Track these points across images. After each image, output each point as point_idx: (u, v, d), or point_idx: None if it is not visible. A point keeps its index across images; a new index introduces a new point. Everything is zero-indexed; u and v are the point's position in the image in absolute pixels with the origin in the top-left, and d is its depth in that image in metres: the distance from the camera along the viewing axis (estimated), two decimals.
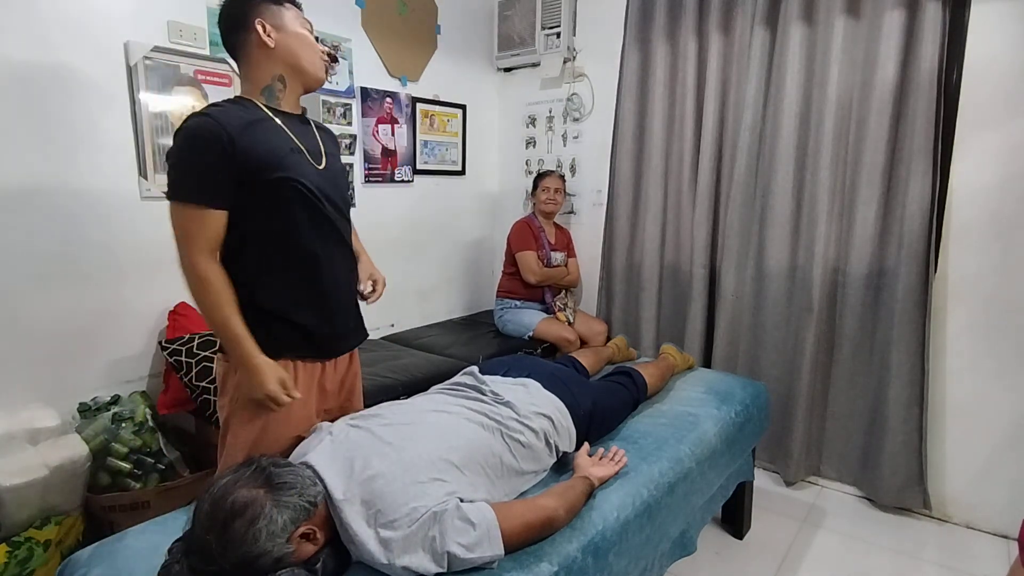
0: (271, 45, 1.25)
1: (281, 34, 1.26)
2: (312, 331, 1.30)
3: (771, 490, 2.43)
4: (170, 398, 2.07)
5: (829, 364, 2.40)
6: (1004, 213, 2.03)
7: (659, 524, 1.42)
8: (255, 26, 1.23)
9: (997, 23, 1.99)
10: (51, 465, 1.65)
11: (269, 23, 1.24)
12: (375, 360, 2.45)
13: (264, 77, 1.27)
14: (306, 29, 1.31)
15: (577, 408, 1.53)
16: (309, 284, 1.29)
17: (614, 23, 2.89)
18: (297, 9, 1.32)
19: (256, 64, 1.27)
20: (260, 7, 1.25)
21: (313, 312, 1.29)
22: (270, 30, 1.24)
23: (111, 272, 2.03)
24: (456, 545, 1.00)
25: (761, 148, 2.48)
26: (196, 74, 2.16)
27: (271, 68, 1.27)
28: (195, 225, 1.16)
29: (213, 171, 1.15)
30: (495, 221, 3.59)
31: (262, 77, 1.27)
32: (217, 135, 1.14)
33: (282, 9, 1.28)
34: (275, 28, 1.25)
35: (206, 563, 0.95)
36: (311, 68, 1.31)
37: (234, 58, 1.29)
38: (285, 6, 1.29)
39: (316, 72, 1.33)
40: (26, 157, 1.82)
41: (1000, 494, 2.11)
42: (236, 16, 1.25)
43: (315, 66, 1.32)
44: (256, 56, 1.26)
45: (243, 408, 1.25)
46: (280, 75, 1.28)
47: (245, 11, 1.24)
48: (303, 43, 1.29)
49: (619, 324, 3.01)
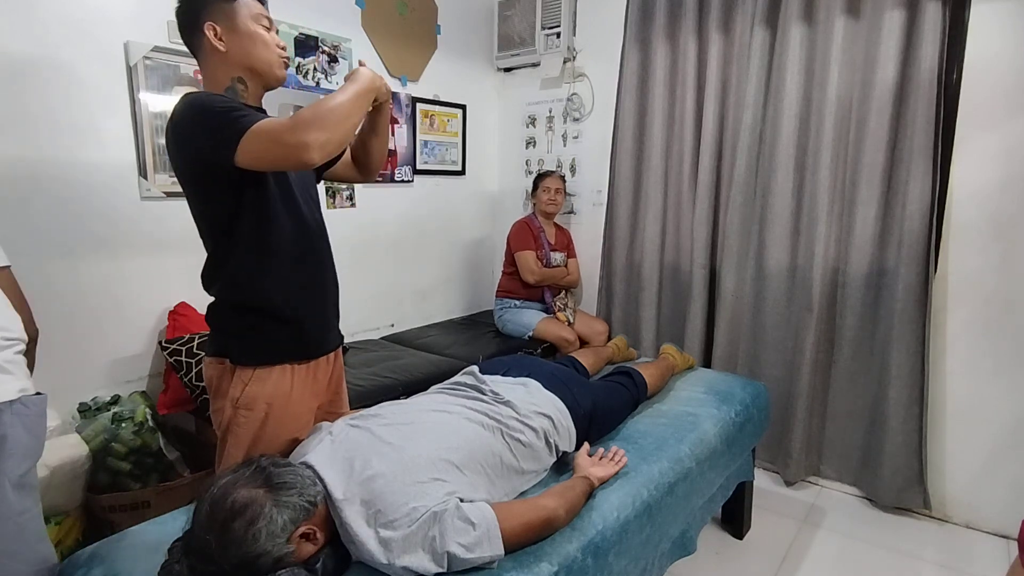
0: (223, 49, 1.19)
1: (233, 35, 1.19)
2: (304, 326, 1.29)
3: (771, 490, 2.43)
4: (170, 398, 2.07)
5: (829, 364, 2.40)
6: (1004, 213, 2.03)
7: (659, 524, 1.42)
8: (205, 30, 1.17)
9: (997, 23, 1.99)
10: (51, 465, 1.65)
11: (220, 25, 1.18)
12: (375, 360, 2.45)
13: (223, 79, 1.22)
14: (262, 25, 1.23)
15: (577, 408, 1.53)
16: (297, 277, 1.28)
17: (614, 23, 2.89)
18: (254, 1, 1.22)
19: (213, 67, 1.22)
20: (210, 7, 1.18)
21: (303, 305, 1.29)
22: (221, 33, 1.18)
23: (111, 272, 2.03)
24: (456, 545, 1.00)
25: (761, 148, 2.48)
26: (196, 74, 2.16)
27: (228, 71, 1.22)
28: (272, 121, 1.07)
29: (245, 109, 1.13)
30: (495, 221, 3.59)
31: (221, 79, 1.22)
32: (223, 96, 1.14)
33: (234, 6, 1.19)
34: (226, 30, 1.18)
35: (206, 563, 0.94)
36: (267, 69, 1.24)
37: (195, 57, 1.25)
38: (238, 2, 1.20)
39: (273, 71, 1.25)
40: (26, 157, 1.82)
41: (1000, 494, 2.11)
42: (188, 16, 1.20)
43: (271, 66, 1.24)
44: (211, 59, 1.21)
45: (245, 408, 1.25)
46: (239, 76, 1.23)
47: (196, 10, 1.18)
48: (256, 43, 1.21)
49: (619, 324, 3.01)
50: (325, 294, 1.37)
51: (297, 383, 1.29)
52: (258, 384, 1.24)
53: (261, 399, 1.24)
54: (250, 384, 1.24)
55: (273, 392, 1.25)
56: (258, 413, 1.24)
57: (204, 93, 1.16)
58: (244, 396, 1.24)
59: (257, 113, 1.13)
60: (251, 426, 1.25)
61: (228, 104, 1.11)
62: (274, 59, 1.24)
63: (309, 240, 1.31)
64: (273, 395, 1.25)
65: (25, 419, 1.09)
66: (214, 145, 1.08)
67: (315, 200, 1.39)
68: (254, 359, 1.24)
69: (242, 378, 1.24)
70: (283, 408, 1.27)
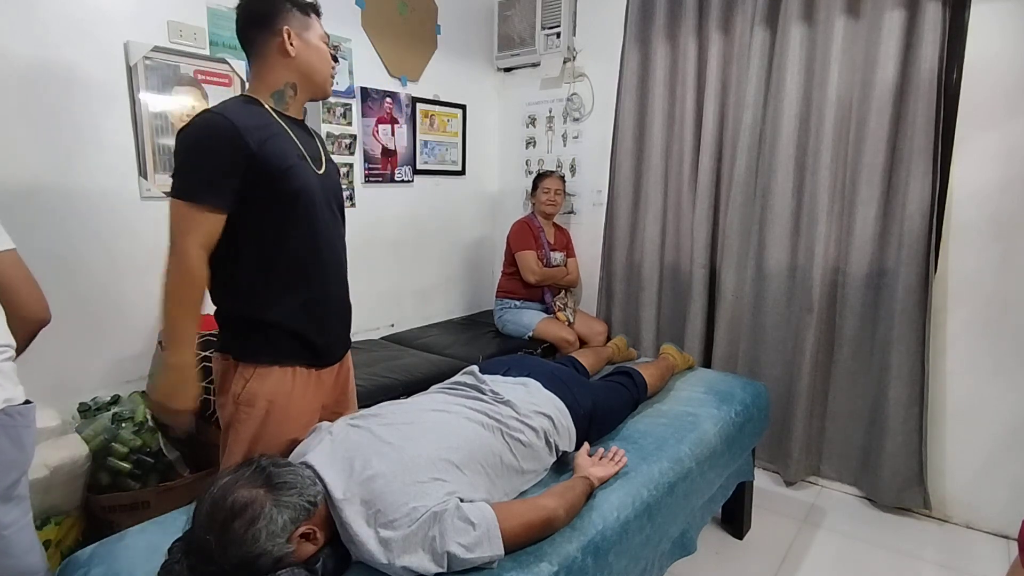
0: (292, 54, 1.25)
1: (303, 44, 1.27)
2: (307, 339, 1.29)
3: (771, 490, 2.43)
4: None
5: (829, 364, 2.40)
6: (1004, 213, 2.03)
7: (659, 524, 1.42)
8: (282, 32, 1.23)
9: (997, 23, 1.99)
10: (51, 465, 1.65)
11: (295, 31, 1.25)
12: (375, 360, 2.45)
13: (277, 82, 1.27)
14: (324, 42, 1.32)
15: (577, 408, 1.53)
16: (300, 295, 1.28)
17: (614, 23, 2.89)
18: (317, 19, 1.32)
19: (271, 68, 1.26)
20: (290, 14, 1.25)
21: (306, 321, 1.28)
22: (295, 38, 1.25)
23: (111, 272, 2.03)
24: (456, 545, 1.00)
25: (761, 148, 2.48)
26: (196, 74, 2.16)
27: (285, 75, 1.27)
28: (195, 223, 1.15)
29: (224, 174, 1.15)
30: (495, 221, 3.59)
31: (275, 81, 1.27)
32: (234, 139, 1.14)
33: (310, 20, 1.29)
34: (299, 38, 1.26)
35: (206, 563, 0.94)
36: (323, 82, 1.34)
37: (247, 53, 1.28)
38: (312, 17, 1.30)
39: (326, 87, 1.36)
40: (26, 157, 1.82)
41: (1000, 494, 2.11)
42: (263, 14, 1.24)
43: (327, 81, 1.35)
44: (273, 60, 1.26)
45: (246, 404, 1.25)
46: (293, 83, 1.29)
47: (273, 12, 1.24)
48: (321, 57, 1.31)
49: (619, 324, 3.01)
50: (328, 309, 1.36)
51: (299, 383, 1.30)
52: (259, 381, 1.25)
53: (262, 396, 1.25)
54: (251, 381, 1.24)
55: (274, 390, 1.26)
56: (259, 411, 1.25)
57: (204, 127, 1.16)
58: (245, 392, 1.25)
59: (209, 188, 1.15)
60: (252, 423, 1.25)
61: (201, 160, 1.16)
62: (328, 74, 1.35)
63: (318, 258, 1.31)
64: (275, 393, 1.26)
65: (10, 430, 1.07)
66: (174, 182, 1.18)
67: (339, 207, 1.42)
68: (255, 357, 1.25)
69: (244, 374, 1.25)
70: (284, 407, 1.27)
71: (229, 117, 1.15)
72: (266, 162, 1.18)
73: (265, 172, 1.18)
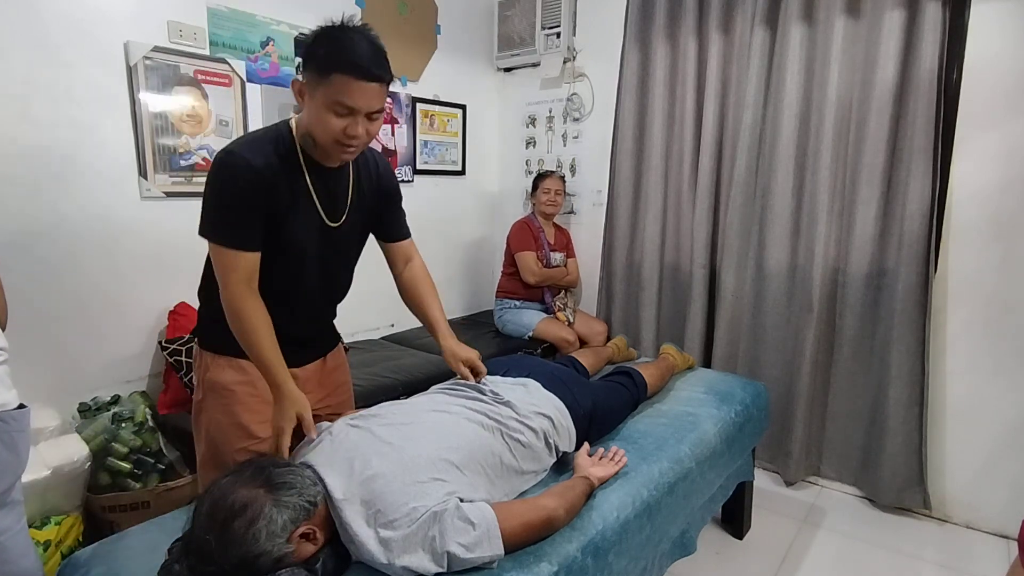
0: (301, 107, 1.19)
1: (310, 102, 1.15)
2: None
3: (771, 490, 2.43)
4: (170, 398, 2.07)
5: (829, 364, 2.40)
6: (1004, 213, 2.03)
7: (659, 524, 1.42)
8: (296, 80, 1.18)
9: (997, 23, 1.99)
10: (51, 465, 1.65)
11: (307, 88, 1.15)
12: (375, 360, 2.45)
13: (304, 125, 1.21)
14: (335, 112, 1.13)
15: (577, 408, 1.53)
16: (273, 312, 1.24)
17: (614, 23, 2.89)
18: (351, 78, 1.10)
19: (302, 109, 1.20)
20: (306, 66, 1.15)
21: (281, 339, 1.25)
22: (306, 94, 1.16)
23: (111, 272, 2.03)
24: (456, 545, 1.00)
25: (761, 148, 2.48)
26: (196, 74, 2.16)
27: (307, 122, 1.19)
28: (231, 262, 1.17)
29: (247, 219, 1.16)
30: (495, 221, 3.59)
31: (304, 123, 1.21)
32: (252, 184, 1.14)
33: (321, 81, 1.11)
34: (308, 94, 1.15)
35: (206, 563, 0.94)
36: (323, 150, 1.19)
37: None
38: (335, 77, 1.10)
39: (326, 154, 1.21)
40: (26, 156, 1.82)
41: (1000, 494, 2.11)
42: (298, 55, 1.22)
43: (326, 151, 1.19)
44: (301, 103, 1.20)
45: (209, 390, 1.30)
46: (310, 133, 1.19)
47: (301, 58, 1.18)
48: (320, 124, 1.15)
49: (619, 324, 3.01)
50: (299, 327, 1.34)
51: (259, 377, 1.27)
52: (218, 370, 1.28)
53: (223, 385, 1.28)
54: (211, 369, 1.29)
55: (232, 380, 1.28)
56: (220, 398, 1.28)
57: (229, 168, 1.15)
58: (207, 379, 1.29)
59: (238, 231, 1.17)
60: (212, 411, 1.29)
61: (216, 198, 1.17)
62: (330, 146, 1.17)
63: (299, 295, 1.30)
64: (233, 383, 1.28)
65: (4, 435, 1.06)
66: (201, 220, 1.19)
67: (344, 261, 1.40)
68: (219, 348, 1.29)
69: (207, 362, 1.30)
70: (244, 398, 1.28)
71: (249, 160, 1.14)
72: (273, 204, 1.18)
73: (270, 213, 1.19)
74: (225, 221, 1.16)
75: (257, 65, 2.33)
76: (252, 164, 1.14)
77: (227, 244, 1.16)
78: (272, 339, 1.20)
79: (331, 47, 1.11)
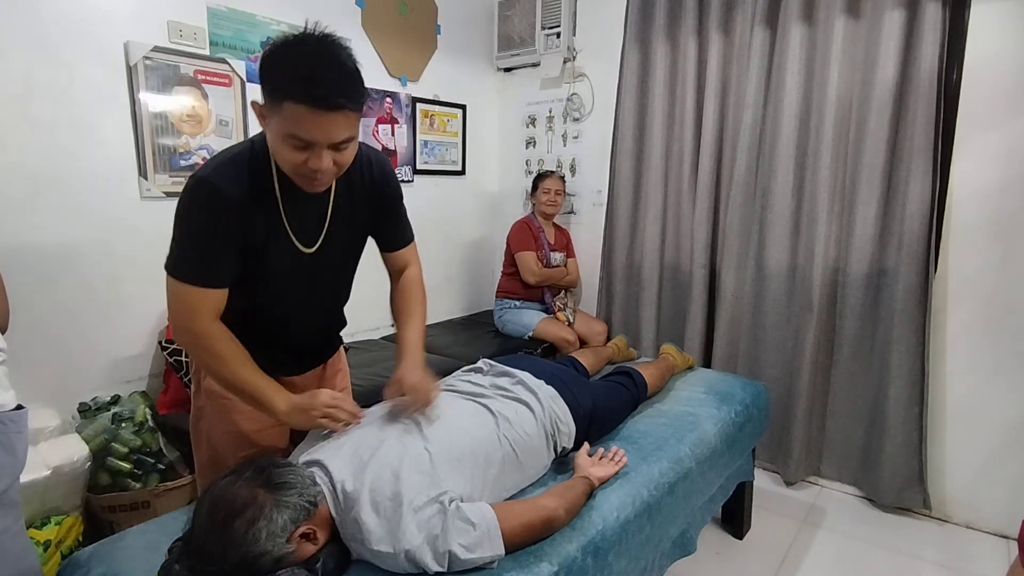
0: (262, 128, 1.05)
1: (268, 130, 1.03)
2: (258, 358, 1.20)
3: (771, 490, 2.43)
4: (170, 398, 2.07)
5: (829, 364, 2.40)
6: (1004, 213, 2.03)
7: (659, 524, 1.42)
8: (255, 103, 1.04)
9: (997, 23, 1.99)
10: (51, 465, 1.65)
11: (266, 111, 1.01)
12: (375, 360, 2.45)
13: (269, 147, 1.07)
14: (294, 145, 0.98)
15: (577, 408, 1.52)
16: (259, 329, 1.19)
17: (614, 23, 2.89)
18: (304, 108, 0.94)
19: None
20: (261, 87, 1.00)
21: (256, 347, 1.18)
22: (267, 115, 1.01)
23: (111, 272, 2.03)
24: (456, 545, 1.00)
25: (761, 148, 2.48)
26: (196, 74, 2.16)
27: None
28: (197, 302, 1.08)
29: (219, 254, 1.06)
30: (495, 221, 3.59)
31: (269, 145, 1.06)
32: (225, 217, 1.04)
33: (274, 109, 0.97)
34: (269, 120, 1.01)
35: (206, 563, 0.94)
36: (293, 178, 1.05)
37: None
38: (280, 107, 0.95)
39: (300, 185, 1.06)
40: (26, 156, 1.82)
41: (1000, 494, 2.11)
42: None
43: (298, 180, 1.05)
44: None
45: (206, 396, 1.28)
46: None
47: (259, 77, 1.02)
48: (280, 158, 1.04)
49: (619, 324, 3.01)
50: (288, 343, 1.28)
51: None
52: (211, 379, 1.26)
53: (219, 393, 1.25)
54: (206, 378, 1.27)
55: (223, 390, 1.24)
56: (218, 406, 1.26)
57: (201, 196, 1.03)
58: (205, 386, 1.27)
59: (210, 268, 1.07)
60: (211, 417, 1.28)
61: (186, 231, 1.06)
62: (295, 178, 1.05)
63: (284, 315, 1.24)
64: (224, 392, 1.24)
65: (1, 436, 1.06)
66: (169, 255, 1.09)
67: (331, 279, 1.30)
68: None
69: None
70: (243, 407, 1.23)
71: (219, 187, 1.03)
72: (247, 232, 1.08)
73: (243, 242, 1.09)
74: (195, 257, 1.06)
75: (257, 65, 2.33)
76: (225, 194, 1.03)
77: (195, 282, 1.06)
78: (249, 362, 1.12)
79: (282, 69, 0.96)
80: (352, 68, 1.00)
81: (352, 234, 1.29)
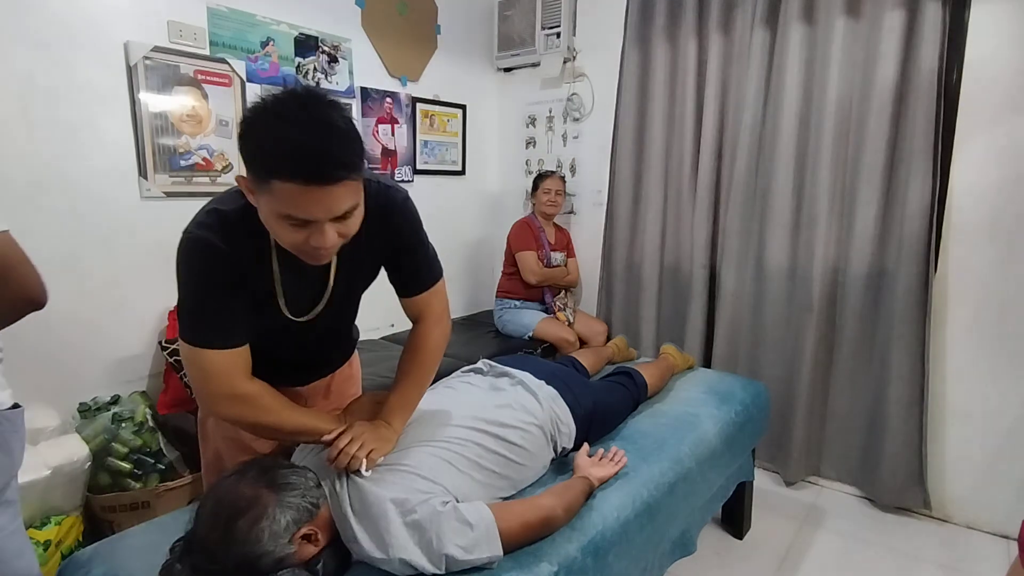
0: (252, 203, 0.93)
1: (259, 207, 0.92)
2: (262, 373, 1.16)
3: (771, 490, 2.43)
4: (170, 398, 2.07)
5: (829, 364, 2.40)
6: (1004, 213, 2.03)
7: (659, 524, 1.42)
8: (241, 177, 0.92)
9: (997, 23, 1.99)
10: (51, 465, 1.65)
11: (254, 187, 0.90)
12: (375, 360, 2.45)
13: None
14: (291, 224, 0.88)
15: (577, 408, 1.52)
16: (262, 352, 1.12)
17: (614, 23, 2.89)
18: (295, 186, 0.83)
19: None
20: (245, 163, 0.89)
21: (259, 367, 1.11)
22: (256, 192, 0.90)
23: (111, 272, 2.03)
24: (454, 547, 1.00)
25: (761, 148, 2.48)
26: (196, 74, 2.16)
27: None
28: (227, 364, 1.01)
29: (229, 305, 1.00)
30: (495, 221, 3.59)
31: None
32: (226, 270, 0.98)
33: (262, 188, 0.87)
34: (259, 197, 0.90)
35: (208, 562, 0.94)
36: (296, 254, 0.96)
37: None
38: (268, 185, 0.85)
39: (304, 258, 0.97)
40: (26, 157, 1.82)
41: (1000, 494, 2.11)
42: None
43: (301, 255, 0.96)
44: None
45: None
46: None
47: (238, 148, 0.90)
48: (278, 237, 0.94)
49: (619, 324, 3.01)
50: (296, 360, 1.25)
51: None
52: None
53: None
54: None
55: None
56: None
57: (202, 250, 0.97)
58: None
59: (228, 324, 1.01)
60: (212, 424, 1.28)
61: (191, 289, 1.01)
62: (297, 254, 0.96)
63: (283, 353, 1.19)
64: None
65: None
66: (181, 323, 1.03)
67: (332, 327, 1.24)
68: None
69: None
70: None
71: (220, 243, 0.96)
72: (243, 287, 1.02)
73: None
74: (211, 314, 1.00)
75: (257, 65, 2.33)
76: (223, 248, 0.96)
77: (218, 344, 1.00)
78: (289, 403, 1.09)
79: (264, 142, 0.85)
80: (345, 129, 0.88)
81: (359, 286, 1.23)
